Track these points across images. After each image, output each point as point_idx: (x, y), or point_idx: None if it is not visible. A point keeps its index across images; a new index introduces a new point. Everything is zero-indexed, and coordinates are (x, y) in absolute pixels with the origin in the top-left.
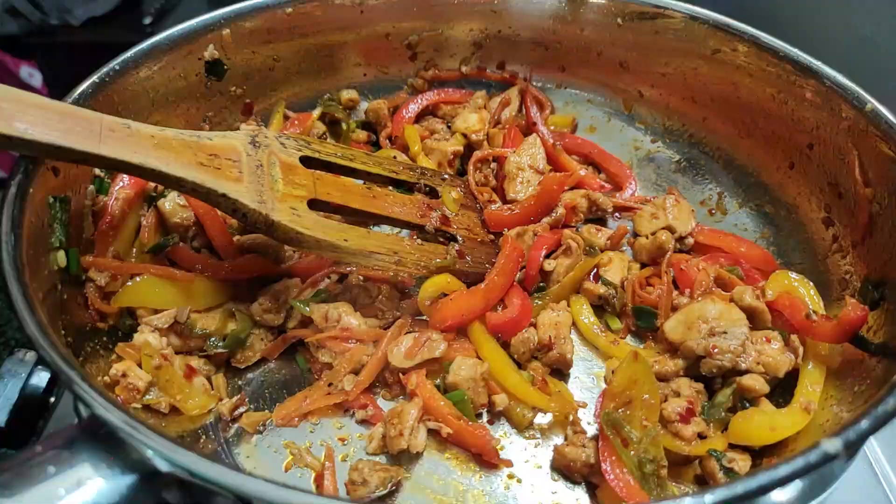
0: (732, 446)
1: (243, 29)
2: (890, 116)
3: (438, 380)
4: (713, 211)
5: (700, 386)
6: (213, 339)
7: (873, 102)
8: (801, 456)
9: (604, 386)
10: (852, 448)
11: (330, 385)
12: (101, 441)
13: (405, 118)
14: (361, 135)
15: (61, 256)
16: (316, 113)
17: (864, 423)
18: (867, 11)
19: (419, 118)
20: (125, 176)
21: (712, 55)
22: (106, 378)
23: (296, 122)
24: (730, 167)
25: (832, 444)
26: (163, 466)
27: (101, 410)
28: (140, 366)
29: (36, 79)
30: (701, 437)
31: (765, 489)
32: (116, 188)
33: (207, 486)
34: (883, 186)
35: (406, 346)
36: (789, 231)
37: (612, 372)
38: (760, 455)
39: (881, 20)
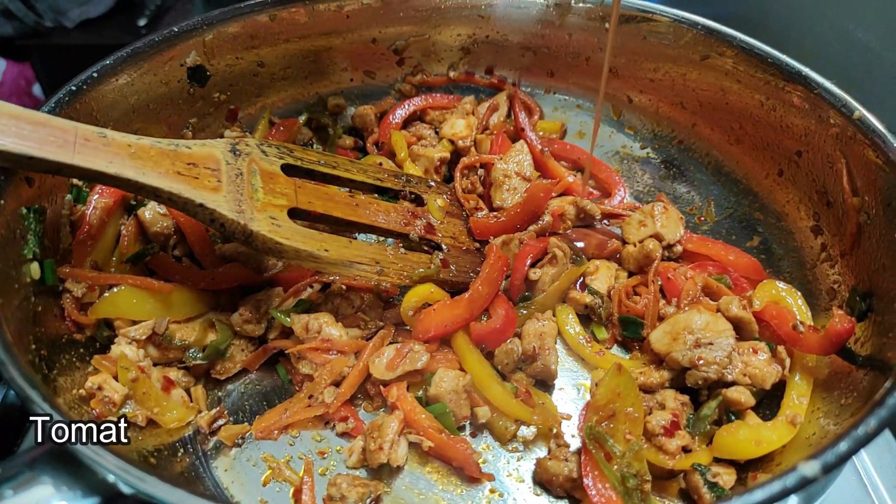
0: (717, 460)
1: (226, 34)
2: (878, 124)
3: (420, 392)
4: (702, 218)
5: (686, 398)
6: (192, 350)
7: (861, 110)
8: (779, 479)
9: (589, 398)
10: (832, 470)
11: (311, 397)
12: (64, 463)
13: (392, 124)
14: (348, 140)
15: (35, 268)
16: (302, 119)
17: (843, 446)
18: (859, 15)
19: (407, 124)
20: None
21: (701, 61)
22: (81, 391)
23: (281, 129)
24: (718, 174)
25: (810, 468)
26: (125, 490)
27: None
28: (116, 378)
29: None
30: (685, 450)
31: None
32: (94, 197)
33: None
34: (871, 195)
35: (388, 357)
36: (778, 239)
37: (596, 384)
38: (745, 469)
39: (873, 24)
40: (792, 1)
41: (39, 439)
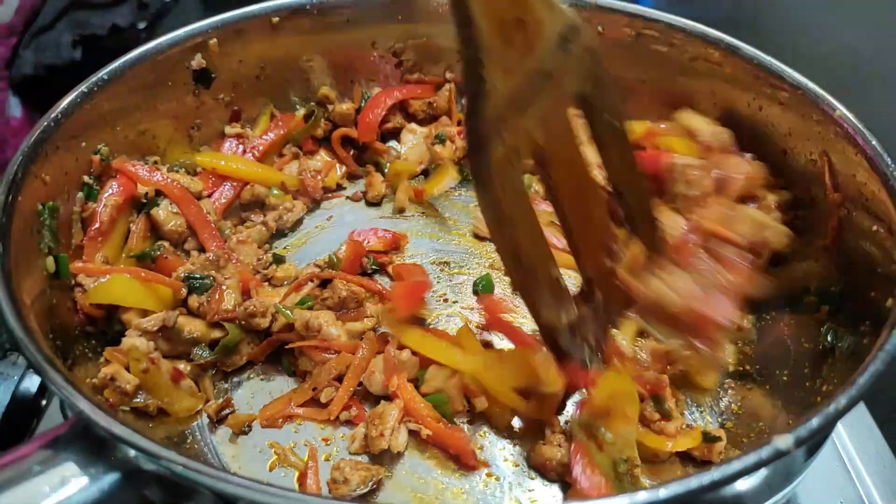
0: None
1: (231, 38)
2: (857, 122)
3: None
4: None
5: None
6: (199, 348)
7: (842, 109)
8: (753, 452)
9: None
10: (804, 444)
11: (314, 389)
12: (85, 441)
13: (370, 121)
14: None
15: (50, 262)
16: (300, 113)
17: (815, 422)
18: (849, 19)
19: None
20: (114, 182)
21: (690, 62)
22: (94, 381)
23: (280, 123)
24: None
25: (783, 441)
26: (145, 465)
27: (86, 410)
28: (128, 369)
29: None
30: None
31: (717, 484)
32: (105, 195)
33: (187, 485)
34: (850, 190)
35: (380, 371)
36: None
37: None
38: None
39: (862, 27)
40: (783, 5)
41: (62, 417)
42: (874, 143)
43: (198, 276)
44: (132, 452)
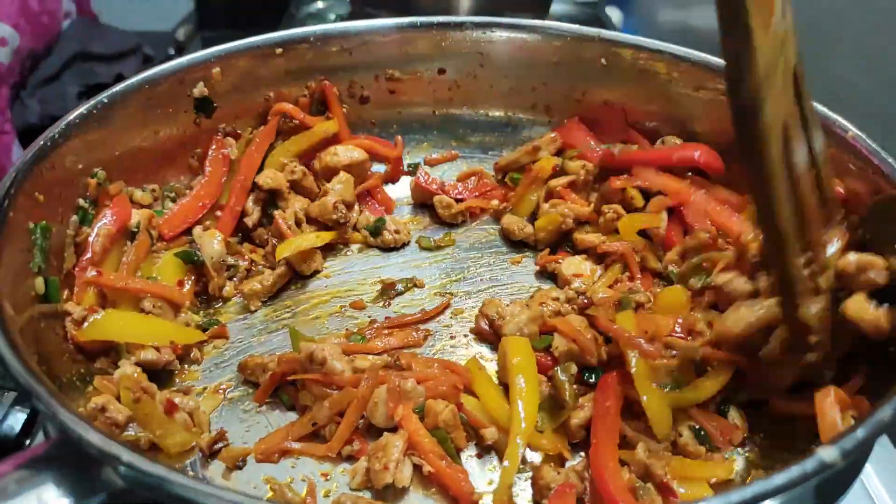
0: None
1: (234, 68)
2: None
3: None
4: None
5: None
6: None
7: (853, 129)
8: (798, 465)
9: None
10: (850, 457)
11: (314, 424)
12: (68, 461)
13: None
14: None
15: (39, 283)
16: None
17: (861, 432)
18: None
19: None
20: (108, 211)
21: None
22: (83, 411)
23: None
24: None
25: (828, 453)
26: (134, 486)
27: (70, 423)
28: (119, 400)
29: None
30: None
31: (759, 498)
32: (98, 224)
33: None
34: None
35: (383, 399)
36: None
37: None
38: None
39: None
40: None
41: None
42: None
43: None
44: (121, 470)
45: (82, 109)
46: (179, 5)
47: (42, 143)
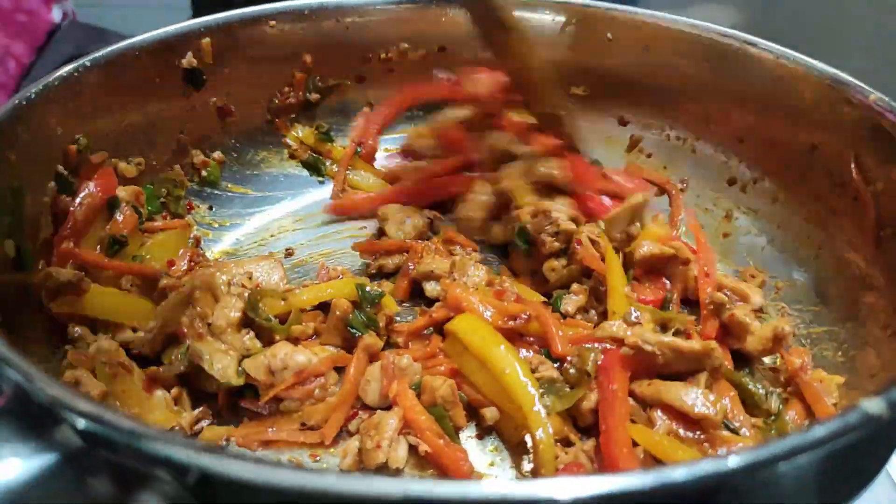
0: None
1: (225, 40)
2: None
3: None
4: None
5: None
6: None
7: (876, 93)
8: (839, 417)
9: None
10: None
11: (303, 424)
12: (18, 417)
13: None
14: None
15: (9, 245)
16: None
17: None
18: None
19: None
20: (91, 183)
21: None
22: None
23: None
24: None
25: (874, 404)
26: (92, 442)
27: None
28: (95, 374)
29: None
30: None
31: (796, 451)
32: (82, 194)
33: (145, 468)
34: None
35: (377, 380)
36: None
37: None
38: None
39: None
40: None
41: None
42: None
43: None
44: (80, 424)
45: (62, 72)
46: (179, 9)
47: (17, 101)
